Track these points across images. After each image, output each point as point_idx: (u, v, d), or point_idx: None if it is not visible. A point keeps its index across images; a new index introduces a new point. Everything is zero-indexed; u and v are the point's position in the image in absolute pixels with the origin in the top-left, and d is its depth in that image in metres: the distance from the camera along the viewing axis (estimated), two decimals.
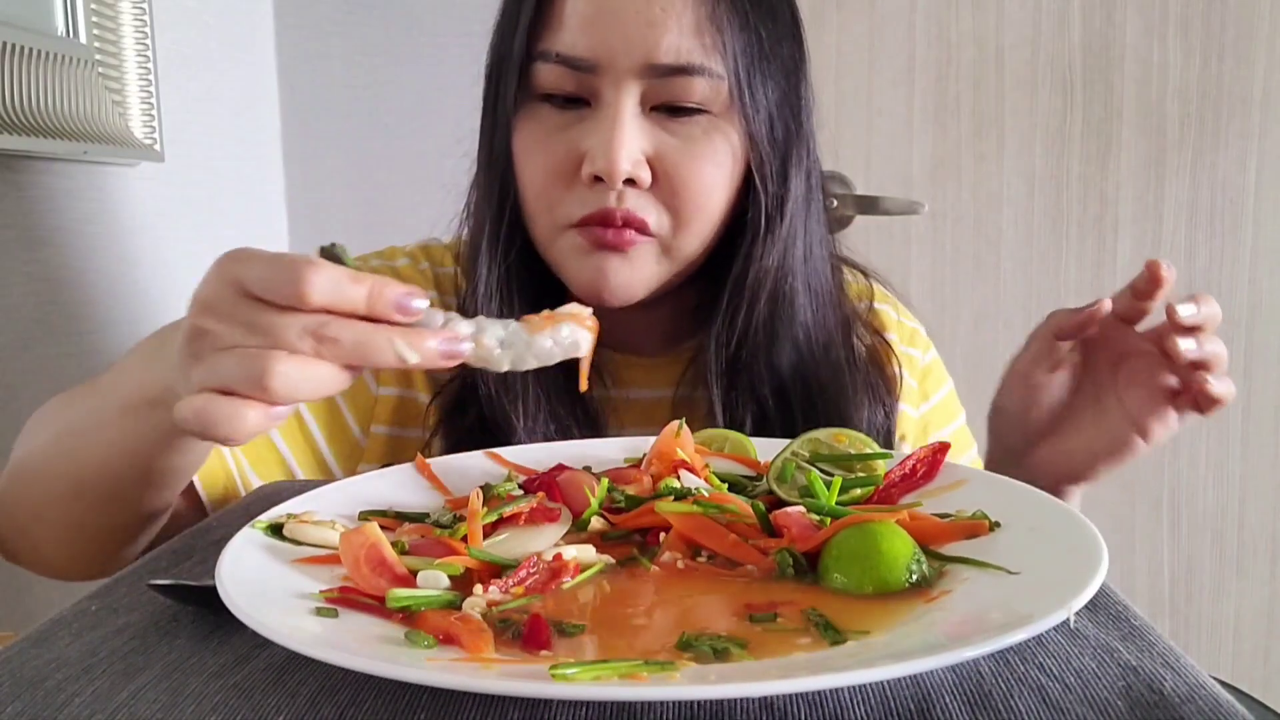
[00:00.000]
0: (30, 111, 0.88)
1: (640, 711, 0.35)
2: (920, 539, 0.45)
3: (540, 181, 0.72)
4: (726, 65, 0.69)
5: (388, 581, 0.42)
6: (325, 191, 1.51)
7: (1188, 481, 1.50)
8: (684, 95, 0.69)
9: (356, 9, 1.47)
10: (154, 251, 1.15)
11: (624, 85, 0.68)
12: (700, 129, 0.70)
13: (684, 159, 0.70)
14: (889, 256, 1.48)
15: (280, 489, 0.67)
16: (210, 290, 0.46)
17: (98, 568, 0.67)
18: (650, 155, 0.70)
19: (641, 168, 0.69)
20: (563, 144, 0.70)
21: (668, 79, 0.68)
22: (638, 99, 0.69)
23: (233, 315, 0.45)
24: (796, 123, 0.74)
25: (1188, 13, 1.42)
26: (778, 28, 0.72)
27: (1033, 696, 0.35)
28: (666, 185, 0.70)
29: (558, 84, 0.70)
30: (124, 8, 1.04)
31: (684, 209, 0.71)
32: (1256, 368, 1.46)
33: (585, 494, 0.52)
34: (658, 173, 0.70)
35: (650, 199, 0.71)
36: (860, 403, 0.78)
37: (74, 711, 0.36)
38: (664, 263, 0.73)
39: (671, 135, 0.70)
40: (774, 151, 0.73)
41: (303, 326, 0.44)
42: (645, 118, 0.70)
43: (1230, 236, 1.45)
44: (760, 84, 0.70)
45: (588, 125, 0.70)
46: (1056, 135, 1.46)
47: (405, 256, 0.85)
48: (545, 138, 0.71)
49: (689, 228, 0.72)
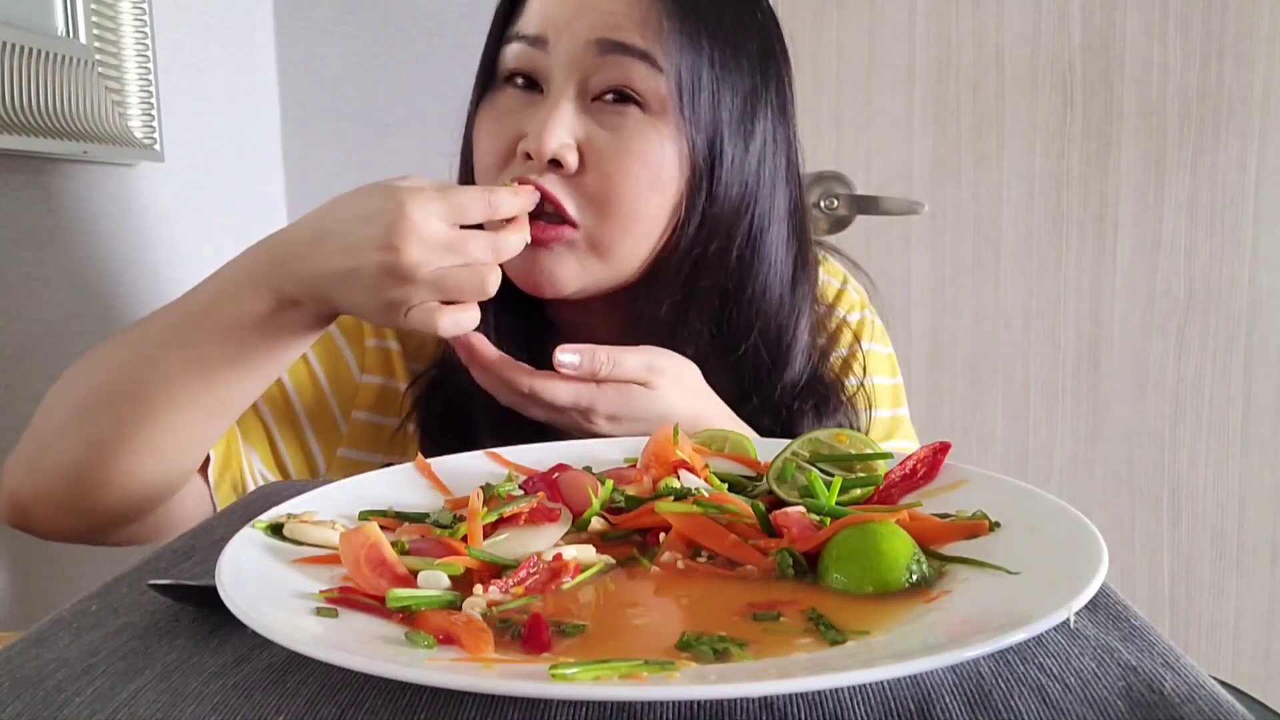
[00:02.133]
0: (30, 111, 0.88)
1: (640, 711, 0.35)
2: (920, 539, 0.45)
3: (485, 160, 0.76)
4: (667, 63, 0.71)
5: (388, 581, 0.42)
6: (325, 191, 1.49)
7: (1188, 481, 1.50)
8: (623, 78, 0.71)
9: (356, 9, 1.47)
10: (154, 251, 1.15)
11: (569, 67, 0.72)
12: (634, 123, 0.72)
13: (612, 150, 0.72)
14: (889, 256, 1.48)
15: (280, 489, 0.67)
16: (400, 239, 0.61)
17: (90, 535, 0.71)
18: (581, 141, 0.72)
19: (569, 151, 0.71)
20: (511, 125, 0.74)
21: (609, 59, 0.71)
22: (581, 82, 0.72)
23: (437, 251, 0.62)
24: (745, 148, 0.75)
25: (1188, 13, 1.42)
26: (738, 60, 0.74)
27: (1033, 696, 0.35)
28: (592, 174, 0.72)
29: (516, 63, 0.74)
30: (124, 8, 1.04)
31: (605, 199, 0.72)
32: (1256, 368, 1.46)
33: (585, 494, 0.52)
34: (586, 161, 0.72)
35: (572, 185, 0.72)
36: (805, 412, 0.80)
37: (74, 711, 0.36)
38: (593, 260, 0.74)
39: (604, 127, 0.72)
40: (706, 172, 0.73)
41: (487, 243, 0.64)
42: (585, 107, 0.73)
43: (1230, 236, 1.45)
44: (705, 99, 0.72)
45: (533, 109, 0.73)
46: (1056, 135, 1.46)
47: None
48: (499, 118, 0.75)
49: (611, 221, 0.73)
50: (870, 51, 1.48)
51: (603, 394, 0.68)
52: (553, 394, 0.67)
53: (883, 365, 0.92)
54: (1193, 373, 1.47)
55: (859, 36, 1.47)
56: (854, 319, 0.91)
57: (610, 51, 0.71)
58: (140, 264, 1.12)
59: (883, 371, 0.92)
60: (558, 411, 0.69)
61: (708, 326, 0.76)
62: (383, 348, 0.85)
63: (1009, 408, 1.50)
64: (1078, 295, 1.47)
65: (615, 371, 0.68)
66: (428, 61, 1.47)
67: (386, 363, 0.85)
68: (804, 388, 0.80)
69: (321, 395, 0.82)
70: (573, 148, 0.71)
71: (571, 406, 0.68)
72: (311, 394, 0.82)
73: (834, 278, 0.92)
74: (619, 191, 0.72)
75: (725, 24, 0.74)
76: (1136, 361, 1.47)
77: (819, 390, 0.81)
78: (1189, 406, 1.48)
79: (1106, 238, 1.47)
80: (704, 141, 0.73)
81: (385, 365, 0.84)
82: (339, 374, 0.83)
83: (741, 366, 0.77)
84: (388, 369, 0.84)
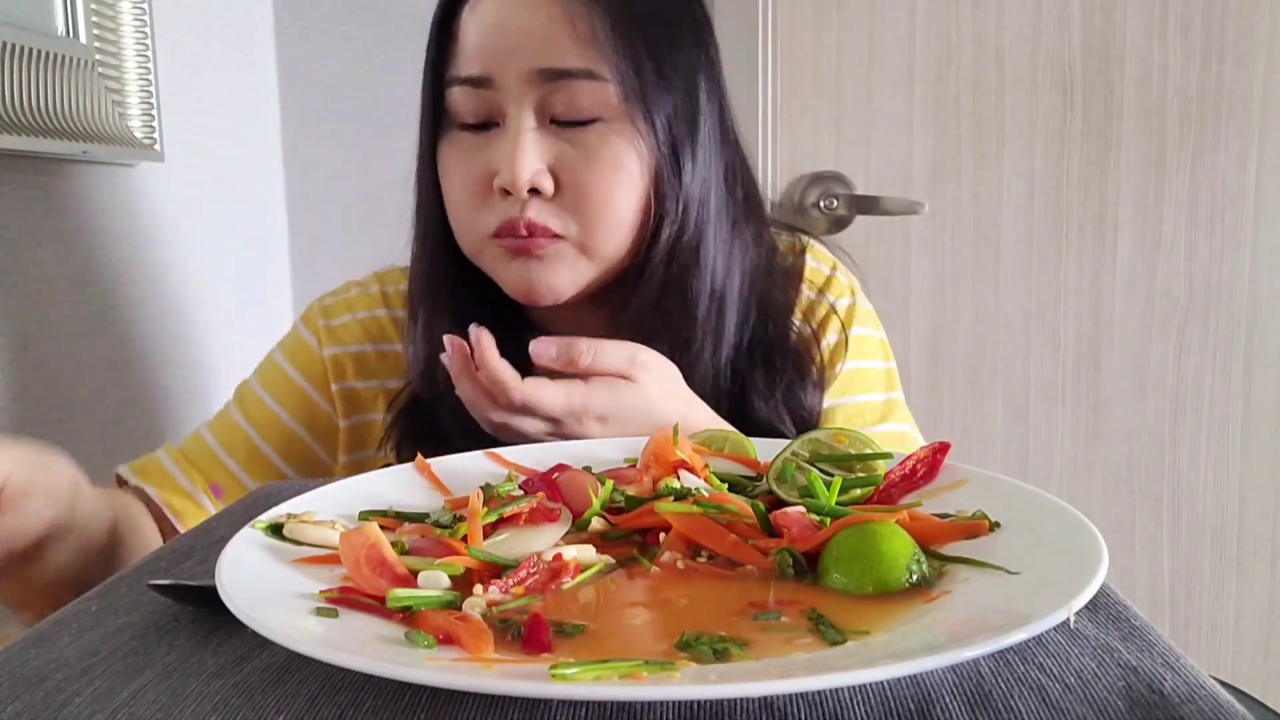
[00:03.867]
0: (30, 111, 0.88)
1: (640, 711, 0.35)
2: (920, 539, 0.45)
3: (459, 201, 0.78)
4: (611, 71, 0.72)
5: (388, 581, 0.42)
6: (325, 191, 1.51)
7: (1188, 481, 1.50)
8: (574, 101, 0.73)
9: (356, 9, 1.47)
10: (154, 251, 1.15)
11: (520, 99, 0.73)
12: (597, 136, 0.74)
13: (583, 166, 0.74)
14: (889, 256, 1.48)
15: (280, 489, 0.67)
16: None
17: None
18: (552, 164, 0.74)
19: (543, 177, 0.74)
20: (477, 164, 0.76)
21: (557, 85, 0.73)
22: (534, 111, 0.74)
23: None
24: (692, 126, 0.77)
25: (1188, 13, 1.42)
26: (672, 35, 0.76)
27: (1033, 696, 0.35)
28: (571, 193, 0.74)
29: (465, 106, 0.76)
30: (124, 8, 1.04)
31: (588, 212, 0.75)
32: (1256, 368, 1.46)
33: (585, 494, 0.52)
34: (561, 181, 0.74)
35: (556, 207, 0.75)
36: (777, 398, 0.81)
37: (74, 711, 0.36)
38: (583, 262, 0.77)
39: (570, 145, 0.74)
40: (670, 153, 0.76)
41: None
42: (545, 131, 0.74)
43: (1230, 236, 1.45)
44: (653, 90, 0.74)
45: (495, 143, 0.75)
46: (1056, 135, 1.46)
47: (357, 287, 0.95)
48: (462, 160, 0.77)
49: (597, 229, 0.75)
50: (870, 51, 1.48)
51: (594, 392, 0.68)
52: (545, 398, 0.67)
53: (874, 349, 0.92)
54: (1193, 373, 1.47)
55: (859, 36, 1.47)
56: (843, 305, 0.91)
57: (555, 79, 0.72)
58: (140, 264, 1.12)
59: (874, 356, 0.92)
60: (550, 423, 0.69)
61: (678, 306, 0.78)
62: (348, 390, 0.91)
63: (1009, 408, 1.50)
64: (1078, 295, 1.47)
65: (598, 362, 0.68)
66: None
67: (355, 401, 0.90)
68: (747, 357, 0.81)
69: (308, 449, 0.89)
70: (545, 173, 0.74)
71: (565, 412, 0.68)
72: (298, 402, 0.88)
73: (823, 264, 0.93)
74: (599, 200, 0.74)
75: (657, 8, 0.76)
76: (1136, 361, 1.47)
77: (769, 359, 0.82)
78: (1189, 406, 1.48)
79: (1106, 238, 1.47)
80: (662, 128, 0.75)
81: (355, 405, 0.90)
82: (317, 422, 0.90)
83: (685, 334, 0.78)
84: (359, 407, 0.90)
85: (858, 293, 0.94)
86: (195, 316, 1.23)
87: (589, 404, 0.68)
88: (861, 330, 0.91)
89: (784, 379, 0.82)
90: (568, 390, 0.68)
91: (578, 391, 0.68)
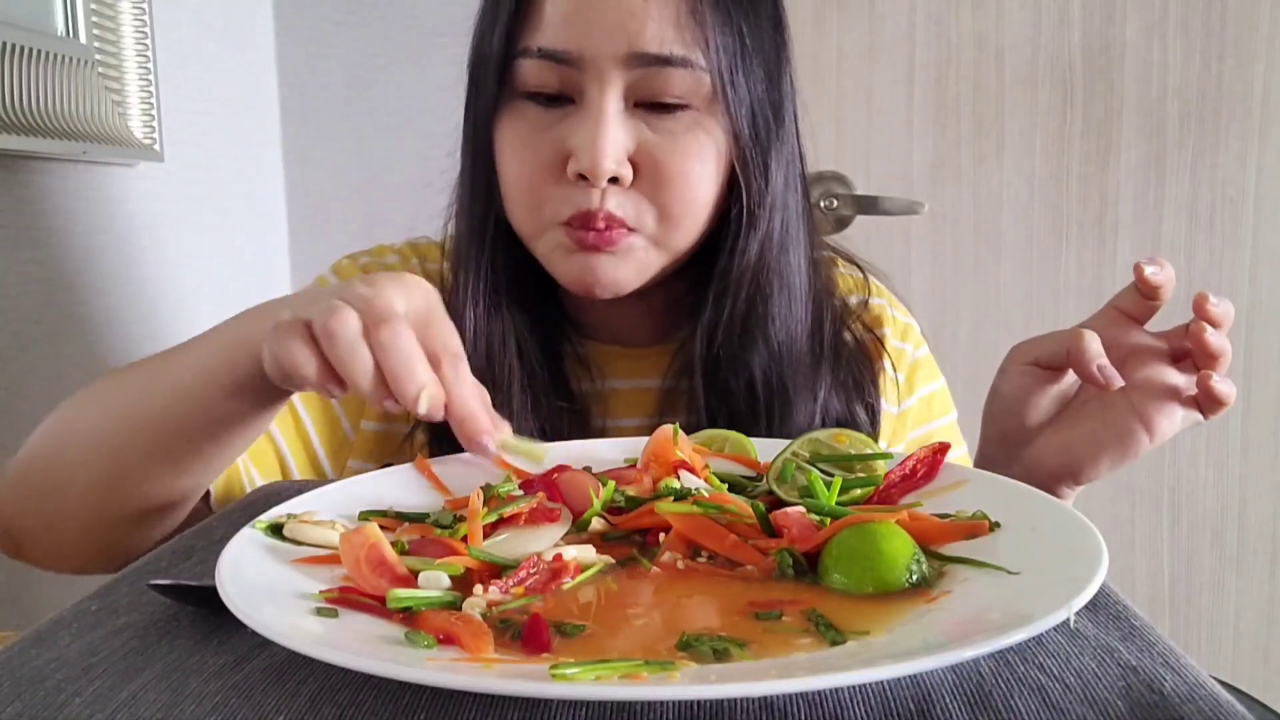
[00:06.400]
0: (30, 111, 0.88)
1: (640, 711, 0.35)
2: (920, 539, 0.45)
3: (525, 180, 0.72)
4: (709, 59, 0.68)
5: (388, 581, 0.42)
6: (325, 191, 1.51)
7: (1188, 481, 1.50)
8: (666, 88, 0.68)
9: (356, 9, 1.47)
10: (154, 251, 1.15)
11: (607, 79, 0.68)
12: (683, 125, 0.70)
13: (668, 156, 0.70)
14: (889, 256, 1.48)
15: (280, 489, 0.67)
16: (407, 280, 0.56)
17: (106, 555, 0.67)
18: (633, 152, 0.70)
19: (625, 166, 0.69)
20: (548, 142, 0.70)
21: (649, 71, 0.68)
22: (621, 94, 0.69)
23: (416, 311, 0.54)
24: (778, 118, 0.74)
25: (1188, 13, 1.42)
26: (760, 22, 0.72)
27: (1033, 696, 0.35)
28: (651, 182, 0.70)
29: (541, 80, 0.70)
30: (124, 8, 1.04)
31: (670, 205, 0.71)
32: (1256, 368, 1.46)
33: (586, 494, 0.52)
34: (642, 169, 0.70)
35: (634, 197, 0.70)
36: (831, 402, 0.78)
37: (74, 711, 0.36)
38: (653, 255, 0.73)
39: (655, 132, 0.70)
40: (756, 146, 0.72)
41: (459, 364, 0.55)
42: (629, 114, 0.70)
43: (1230, 236, 1.45)
44: (743, 79, 0.70)
45: (572, 123, 0.69)
46: (1056, 135, 1.46)
47: (394, 254, 0.87)
48: (530, 136, 0.71)
49: (676, 224, 0.72)
50: (870, 51, 1.48)
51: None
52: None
53: (947, 404, 0.91)
54: None
55: (859, 36, 1.47)
56: (922, 354, 0.89)
57: (650, 64, 0.67)
58: (140, 264, 1.12)
59: (949, 409, 0.90)
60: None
61: (740, 302, 0.74)
62: None
63: None
64: (1078, 295, 1.47)
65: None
66: (428, 61, 1.47)
67: None
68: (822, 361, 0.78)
69: (330, 409, 0.80)
70: (627, 162, 0.69)
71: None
72: (320, 410, 0.79)
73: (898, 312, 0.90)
74: (679, 195, 0.70)
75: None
76: None
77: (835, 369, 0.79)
78: None
79: (1106, 238, 1.47)
80: (747, 120, 0.71)
81: None
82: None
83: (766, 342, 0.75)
84: None
85: (911, 328, 0.90)
86: (195, 317, 1.23)
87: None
88: (936, 385, 0.89)
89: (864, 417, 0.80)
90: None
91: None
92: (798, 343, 0.77)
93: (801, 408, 0.76)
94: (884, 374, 0.83)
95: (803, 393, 0.76)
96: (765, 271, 0.74)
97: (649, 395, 0.80)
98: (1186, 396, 0.65)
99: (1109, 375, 0.63)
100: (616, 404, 0.81)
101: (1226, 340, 0.63)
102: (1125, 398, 0.66)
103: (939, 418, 0.89)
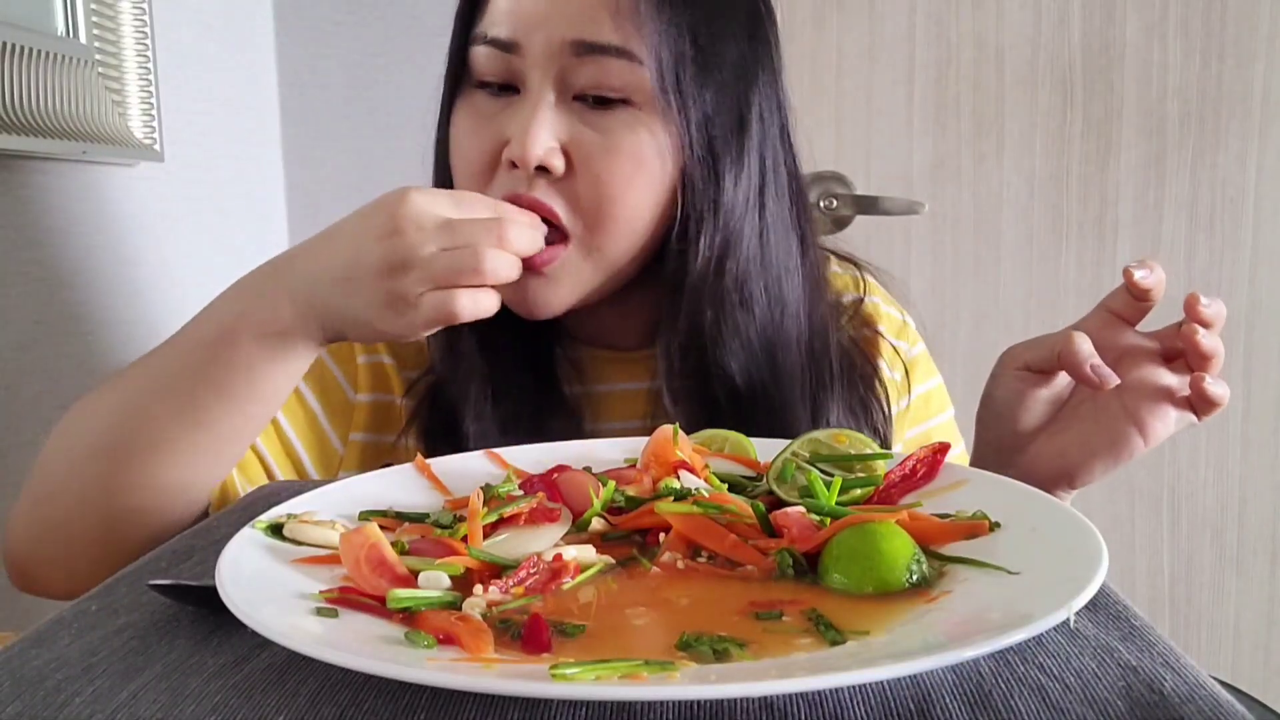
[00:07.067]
0: (30, 111, 0.88)
1: (640, 711, 0.35)
2: (920, 539, 0.45)
3: (467, 168, 0.73)
4: (648, 54, 0.68)
5: (388, 581, 0.42)
6: (325, 191, 1.51)
7: (1188, 481, 1.50)
8: (603, 79, 0.68)
9: (356, 9, 1.47)
10: (153, 251, 1.15)
11: (545, 68, 0.69)
12: (621, 121, 0.69)
13: (600, 151, 0.69)
14: (889, 256, 1.48)
15: (280, 489, 0.67)
16: (401, 223, 0.60)
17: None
18: (566, 143, 0.69)
19: (555, 155, 0.69)
20: (490, 130, 0.71)
21: (586, 60, 0.68)
22: (557, 83, 0.69)
23: (435, 232, 0.60)
24: (740, 129, 0.72)
25: (1188, 13, 1.42)
26: (722, 29, 0.71)
27: (1033, 696, 0.35)
28: (582, 177, 0.69)
29: (490, 69, 0.71)
30: (124, 8, 1.04)
31: (599, 204, 0.70)
32: (1256, 368, 1.46)
33: (586, 494, 0.52)
34: (574, 163, 0.69)
35: (564, 190, 0.70)
36: (827, 405, 0.77)
37: (74, 711, 0.36)
38: (586, 270, 0.72)
39: (590, 126, 0.69)
40: (708, 155, 0.71)
41: (488, 227, 0.60)
42: (566, 106, 0.70)
43: (1230, 236, 1.45)
44: (692, 84, 0.69)
45: (511, 111, 0.70)
46: (1056, 135, 1.46)
47: None
48: (476, 125, 0.72)
49: (605, 228, 0.70)
50: (870, 51, 1.48)
51: None
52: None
53: (944, 402, 0.91)
54: None
55: (859, 36, 1.47)
56: (917, 352, 0.88)
57: (586, 52, 0.68)
58: (140, 264, 1.12)
59: (946, 407, 0.90)
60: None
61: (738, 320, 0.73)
62: (375, 363, 0.81)
63: None
64: (1078, 295, 1.47)
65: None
66: (428, 61, 1.46)
67: (381, 378, 0.80)
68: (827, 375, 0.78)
69: (316, 423, 0.79)
70: (558, 151, 0.69)
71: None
72: (305, 423, 0.78)
73: (894, 310, 0.89)
74: (611, 194, 0.69)
75: None
76: None
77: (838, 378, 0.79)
78: None
79: (1106, 238, 1.47)
80: (696, 126, 0.70)
81: (379, 380, 0.80)
82: (331, 397, 0.79)
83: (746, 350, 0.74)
84: (383, 384, 0.80)
85: (910, 329, 0.90)
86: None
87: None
88: (933, 382, 0.89)
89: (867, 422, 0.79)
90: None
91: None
92: (790, 351, 0.76)
93: (794, 415, 0.75)
94: (882, 375, 0.83)
95: (796, 400, 0.76)
96: (726, 282, 0.73)
97: (639, 398, 0.80)
98: (1179, 398, 0.65)
99: (1103, 375, 0.63)
100: (608, 407, 0.81)
101: (1219, 341, 0.63)
102: (1118, 400, 0.66)
103: (936, 415, 0.89)
